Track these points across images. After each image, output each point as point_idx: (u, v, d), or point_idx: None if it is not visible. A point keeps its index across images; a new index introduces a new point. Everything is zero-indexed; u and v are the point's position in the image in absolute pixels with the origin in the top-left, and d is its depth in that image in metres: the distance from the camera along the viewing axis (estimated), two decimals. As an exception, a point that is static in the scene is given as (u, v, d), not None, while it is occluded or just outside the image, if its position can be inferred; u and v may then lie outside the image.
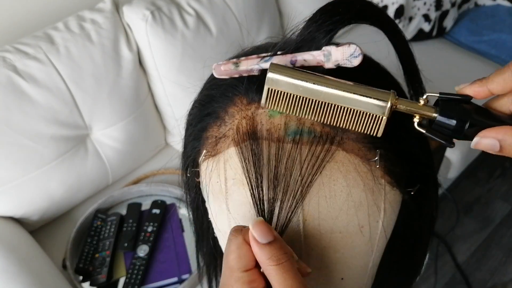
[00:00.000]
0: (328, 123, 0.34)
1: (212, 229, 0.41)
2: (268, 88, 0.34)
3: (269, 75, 0.34)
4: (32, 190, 1.22)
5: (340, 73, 0.34)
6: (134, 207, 1.33)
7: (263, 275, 0.32)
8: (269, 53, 0.36)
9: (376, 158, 0.34)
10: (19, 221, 1.26)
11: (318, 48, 0.34)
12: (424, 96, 0.34)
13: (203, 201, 0.42)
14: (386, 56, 0.41)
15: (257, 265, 0.32)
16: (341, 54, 0.34)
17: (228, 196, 0.37)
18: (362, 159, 0.35)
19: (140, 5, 1.29)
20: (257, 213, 0.35)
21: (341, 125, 0.34)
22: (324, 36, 0.34)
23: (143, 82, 1.38)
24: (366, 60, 0.37)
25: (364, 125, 0.34)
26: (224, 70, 0.37)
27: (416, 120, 0.34)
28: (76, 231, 1.26)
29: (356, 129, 0.34)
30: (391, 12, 1.84)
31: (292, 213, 0.34)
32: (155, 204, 1.32)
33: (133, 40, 1.32)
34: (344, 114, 0.34)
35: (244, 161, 0.35)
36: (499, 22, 1.97)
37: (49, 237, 1.31)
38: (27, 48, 1.16)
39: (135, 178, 1.46)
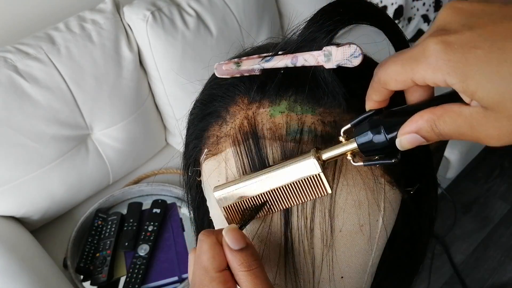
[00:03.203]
0: (287, 206, 0.35)
1: (213, 228, 0.42)
2: (224, 207, 0.37)
3: (216, 195, 0.36)
4: (33, 190, 1.23)
5: (340, 73, 0.35)
6: (135, 207, 1.33)
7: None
8: (270, 53, 0.37)
9: (376, 157, 0.35)
10: (20, 221, 1.27)
11: (319, 48, 0.34)
12: (341, 132, 0.33)
13: (204, 200, 0.42)
14: (387, 56, 0.41)
15: (229, 268, 0.33)
16: (342, 54, 0.34)
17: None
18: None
19: (141, 5, 1.30)
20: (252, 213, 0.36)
21: (299, 202, 0.35)
22: (325, 36, 0.34)
23: (143, 82, 1.39)
24: (367, 60, 0.37)
25: (313, 191, 0.34)
26: (225, 70, 0.38)
27: (349, 158, 0.34)
28: (77, 230, 1.26)
29: (311, 198, 0.35)
30: (390, 13, 1.85)
31: (291, 212, 0.35)
32: (155, 203, 1.33)
33: (134, 41, 1.32)
34: (292, 192, 0.35)
35: (244, 160, 0.36)
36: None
37: (50, 236, 1.31)
38: (28, 48, 1.17)
39: (136, 177, 1.46)
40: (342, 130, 0.33)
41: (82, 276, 1.20)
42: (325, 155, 0.33)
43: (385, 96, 0.31)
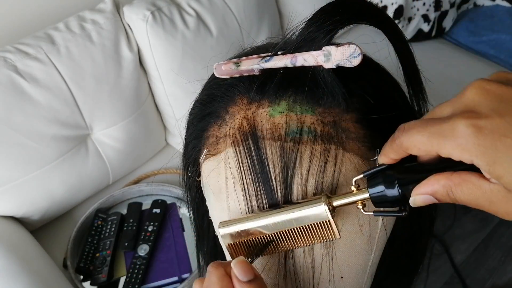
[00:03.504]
0: (292, 248, 0.35)
1: (213, 228, 0.42)
2: (228, 244, 0.37)
3: (221, 231, 0.36)
4: (33, 190, 1.23)
5: (340, 73, 0.35)
6: (135, 207, 1.33)
7: None
8: (269, 53, 0.37)
9: (376, 157, 0.35)
10: (20, 221, 1.27)
11: (318, 48, 0.34)
12: (353, 181, 0.34)
13: (204, 201, 0.42)
14: (386, 56, 0.41)
15: None
16: (341, 54, 0.34)
17: (229, 195, 0.37)
18: (362, 158, 0.35)
19: (141, 5, 1.29)
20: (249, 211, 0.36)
21: (306, 244, 0.35)
22: (324, 36, 0.34)
23: (143, 82, 1.39)
24: (366, 60, 0.37)
25: (321, 234, 0.34)
26: (225, 70, 0.38)
27: (359, 207, 0.34)
28: (77, 230, 1.26)
29: (318, 241, 0.35)
30: (390, 13, 1.84)
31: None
32: (155, 203, 1.33)
33: (134, 41, 1.32)
34: (300, 234, 0.35)
35: (243, 160, 0.36)
36: (498, 22, 1.98)
37: (50, 236, 1.31)
38: (28, 48, 1.17)
39: (136, 177, 1.46)
40: (354, 179, 0.34)
41: (82, 276, 1.20)
42: (336, 203, 0.34)
43: (402, 156, 0.31)
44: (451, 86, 1.78)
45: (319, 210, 0.33)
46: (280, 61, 0.36)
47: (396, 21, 1.85)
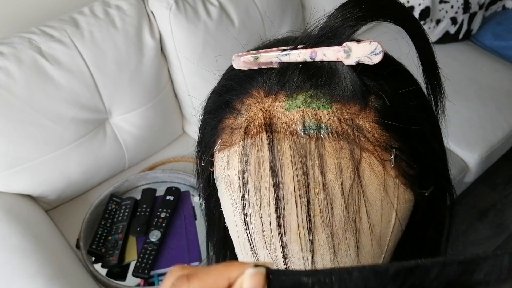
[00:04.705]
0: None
1: (223, 219, 0.42)
2: None
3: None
4: (51, 170, 1.25)
5: (360, 71, 0.34)
6: (149, 193, 1.35)
7: None
8: (289, 47, 0.36)
9: (392, 157, 0.34)
10: (36, 200, 1.29)
11: (339, 43, 0.34)
12: None
13: (216, 191, 0.42)
14: (407, 53, 0.40)
15: None
16: (362, 50, 0.33)
17: (241, 188, 0.37)
18: (377, 158, 0.35)
19: (165, -7, 1.30)
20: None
21: None
22: (346, 32, 0.33)
23: (163, 69, 1.39)
24: (387, 58, 0.36)
25: None
26: (243, 62, 0.38)
27: None
28: (91, 213, 1.28)
29: None
30: (416, 14, 1.81)
31: (302, 207, 0.35)
32: (169, 190, 1.34)
33: (156, 28, 1.32)
34: None
35: (257, 154, 0.36)
36: (527, 27, 1.93)
37: (64, 217, 1.33)
38: (52, 31, 1.18)
39: (151, 164, 1.47)
40: None
41: (93, 258, 1.22)
42: None
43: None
44: (474, 89, 1.75)
45: None
46: (300, 55, 0.35)
47: (422, 22, 1.82)
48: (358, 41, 0.34)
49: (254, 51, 0.37)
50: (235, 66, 0.38)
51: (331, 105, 0.35)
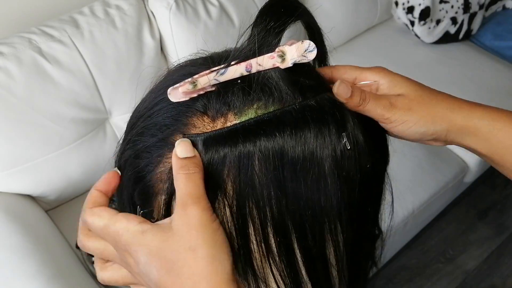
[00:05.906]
0: None
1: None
2: None
3: None
4: (51, 170, 1.25)
5: (293, 68, 0.36)
6: (149, 193, 1.34)
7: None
8: (222, 65, 0.36)
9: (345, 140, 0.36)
10: (36, 200, 1.29)
11: (271, 50, 0.35)
12: None
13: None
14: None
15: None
16: (297, 51, 0.35)
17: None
18: None
19: (165, -7, 1.30)
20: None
21: None
22: (275, 38, 0.35)
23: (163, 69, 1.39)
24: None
25: None
26: (183, 93, 0.36)
27: None
28: (91, 213, 1.27)
29: None
30: (416, 13, 1.81)
31: None
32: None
33: (156, 28, 1.32)
34: None
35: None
36: (527, 27, 1.93)
37: (64, 217, 1.33)
38: (52, 31, 1.18)
39: (151, 164, 1.47)
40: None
41: (93, 258, 1.21)
42: None
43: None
44: (473, 89, 1.75)
45: None
46: (236, 72, 0.35)
47: (422, 22, 1.82)
48: (291, 43, 0.35)
49: (189, 79, 0.35)
50: (174, 100, 0.36)
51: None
